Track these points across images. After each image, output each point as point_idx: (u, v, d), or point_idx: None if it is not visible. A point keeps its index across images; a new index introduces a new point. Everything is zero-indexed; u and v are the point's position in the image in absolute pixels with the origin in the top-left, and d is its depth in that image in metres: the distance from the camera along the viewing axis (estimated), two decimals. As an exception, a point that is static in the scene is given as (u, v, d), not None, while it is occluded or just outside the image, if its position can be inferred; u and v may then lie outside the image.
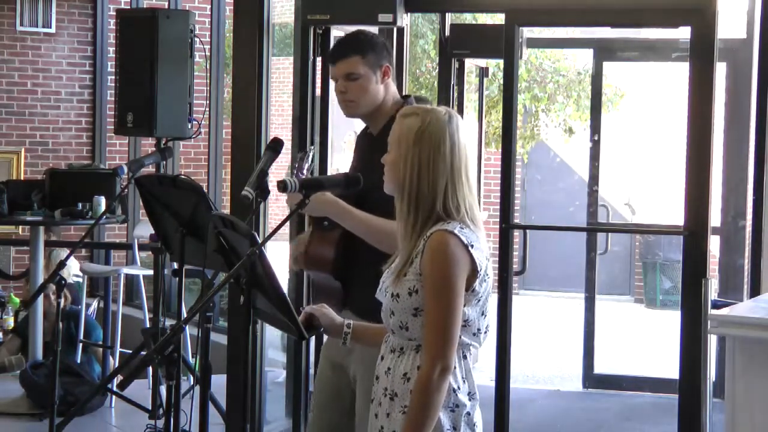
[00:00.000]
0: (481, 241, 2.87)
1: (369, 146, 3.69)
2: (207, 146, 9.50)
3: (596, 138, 7.91)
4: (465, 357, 2.89)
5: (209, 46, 8.73)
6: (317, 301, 3.75)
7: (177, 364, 3.52)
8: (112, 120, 6.57)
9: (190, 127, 5.83)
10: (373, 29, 4.94)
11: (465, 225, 2.86)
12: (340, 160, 6.61)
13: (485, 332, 2.92)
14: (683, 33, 5.83)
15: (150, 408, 5.37)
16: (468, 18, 8.99)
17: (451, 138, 2.87)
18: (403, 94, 3.95)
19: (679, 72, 7.18)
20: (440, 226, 2.84)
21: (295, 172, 3.43)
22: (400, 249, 2.93)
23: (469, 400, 2.89)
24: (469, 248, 2.82)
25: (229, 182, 6.83)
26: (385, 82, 3.67)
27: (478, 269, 2.83)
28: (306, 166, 3.44)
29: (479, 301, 2.87)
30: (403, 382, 2.88)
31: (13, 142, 10.59)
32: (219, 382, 5.53)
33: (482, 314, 2.89)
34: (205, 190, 6.91)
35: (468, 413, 2.88)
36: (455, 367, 2.84)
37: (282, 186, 3.15)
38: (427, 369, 2.79)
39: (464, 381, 2.88)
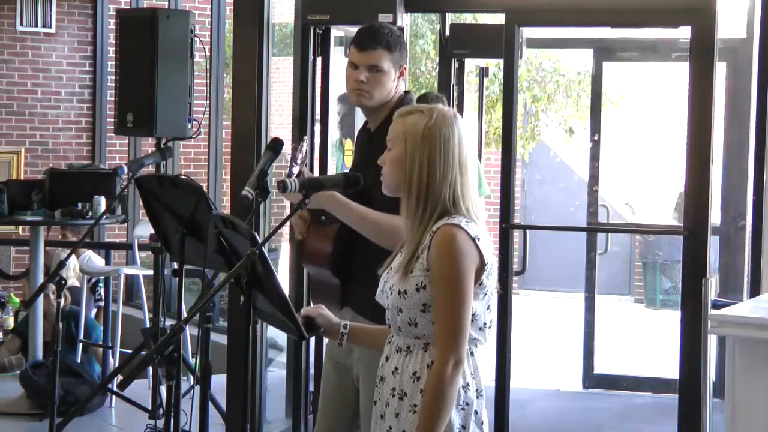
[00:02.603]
0: (485, 236, 2.88)
1: (367, 142, 3.69)
2: (207, 146, 9.49)
3: (596, 138, 7.91)
4: (473, 354, 2.88)
5: (209, 46, 8.73)
6: (315, 299, 3.74)
7: (177, 364, 3.52)
8: (112, 120, 6.57)
9: (190, 127, 5.82)
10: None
11: (470, 219, 2.86)
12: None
13: (489, 327, 2.92)
14: (683, 33, 5.84)
15: (150, 408, 5.36)
16: (468, 18, 8.99)
17: (459, 133, 2.88)
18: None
19: (679, 72, 7.18)
20: (446, 221, 2.83)
21: (289, 162, 3.42)
22: (406, 245, 2.91)
23: (477, 397, 2.89)
24: (476, 241, 2.82)
25: (229, 182, 6.83)
26: (398, 81, 3.67)
27: (486, 262, 2.84)
28: (300, 156, 3.42)
29: (486, 295, 2.87)
30: (413, 381, 2.87)
31: (13, 142, 10.59)
32: (219, 382, 5.53)
33: (487, 308, 2.90)
34: (205, 190, 6.91)
35: (476, 411, 2.88)
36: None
37: (282, 186, 3.14)
38: (441, 363, 2.78)
39: (473, 378, 2.87)
